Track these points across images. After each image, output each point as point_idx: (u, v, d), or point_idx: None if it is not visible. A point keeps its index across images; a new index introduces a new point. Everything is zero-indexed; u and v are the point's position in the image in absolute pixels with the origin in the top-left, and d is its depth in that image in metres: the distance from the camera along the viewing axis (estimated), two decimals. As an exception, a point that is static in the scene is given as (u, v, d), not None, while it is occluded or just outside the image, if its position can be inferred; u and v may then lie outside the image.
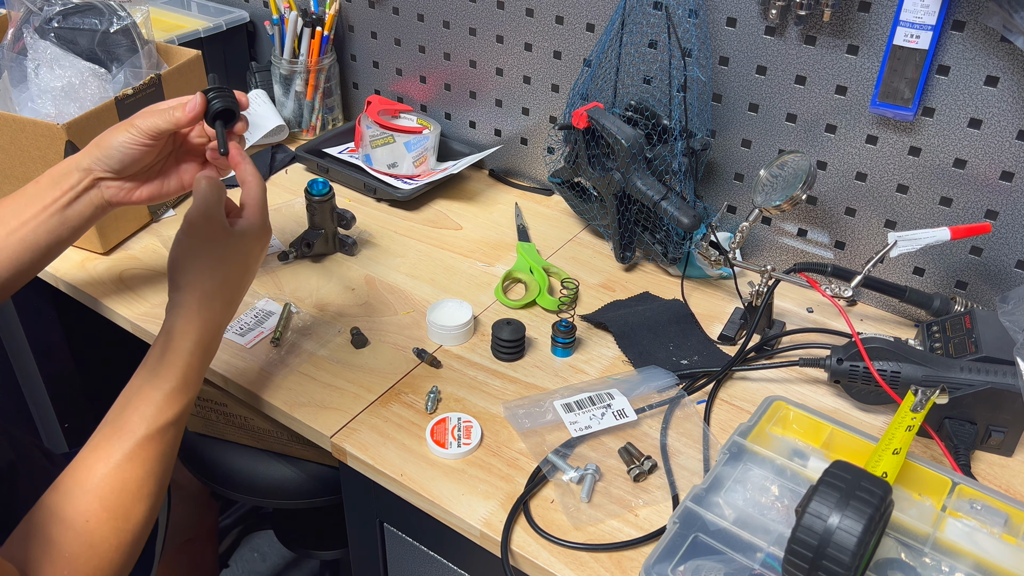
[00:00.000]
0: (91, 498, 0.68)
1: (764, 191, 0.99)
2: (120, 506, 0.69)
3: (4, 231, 0.85)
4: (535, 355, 0.98)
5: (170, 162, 0.90)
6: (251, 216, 0.80)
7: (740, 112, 1.08)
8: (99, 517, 0.68)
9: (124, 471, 0.70)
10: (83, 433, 1.40)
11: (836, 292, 1.05)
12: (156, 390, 0.72)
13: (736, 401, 0.92)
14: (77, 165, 0.86)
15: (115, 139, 0.84)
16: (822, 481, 0.65)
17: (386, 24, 1.34)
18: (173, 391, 0.73)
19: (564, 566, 0.73)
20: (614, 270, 1.14)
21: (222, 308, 0.78)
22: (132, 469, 0.70)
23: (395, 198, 1.24)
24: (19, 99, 1.06)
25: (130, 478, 0.70)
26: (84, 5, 1.09)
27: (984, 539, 0.71)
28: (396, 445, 0.85)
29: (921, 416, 0.77)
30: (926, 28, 0.90)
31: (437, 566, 0.90)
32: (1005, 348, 0.84)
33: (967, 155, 0.95)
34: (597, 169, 1.10)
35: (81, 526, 0.67)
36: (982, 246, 0.99)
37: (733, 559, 0.69)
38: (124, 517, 0.69)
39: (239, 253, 0.79)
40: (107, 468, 0.69)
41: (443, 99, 1.36)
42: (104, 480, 0.69)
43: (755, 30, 1.02)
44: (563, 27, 1.17)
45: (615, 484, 0.81)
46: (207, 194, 0.77)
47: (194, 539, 1.24)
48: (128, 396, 0.73)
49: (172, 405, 0.73)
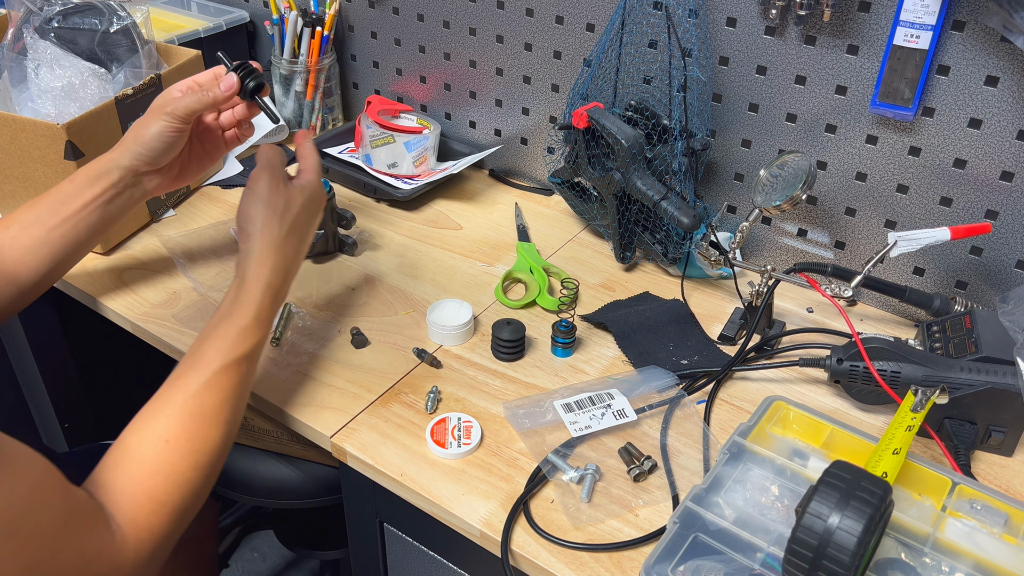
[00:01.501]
0: (171, 421, 0.73)
1: (764, 191, 0.99)
2: (198, 429, 0.73)
3: (44, 228, 0.90)
4: (535, 355, 0.98)
5: (193, 143, 0.98)
6: (308, 176, 0.89)
7: (740, 112, 1.08)
8: (178, 438, 0.72)
9: (202, 397, 0.74)
10: (83, 433, 1.41)
11: (836, 292, 1.05)
12: (231, 327, 0.78)
13: (736, 401, 0.92)
14: (116, 164, 0.91)
15: (151, 131, 0.90)
16: (822, 481, 0.65)
17: (386, 24, 1.34)
18: (247, 327, 0.79)
19: (564, 566, 0.73)
20: (614, 270, 1.14)
21: (292, 254, 0.85)
22: (210, 396, 0.75)
23: (395, 198, 1.24)
24: (19, 99, 1.06)
25: (208, 404, 0.74)
26: (84, 5, 1.09)
27: (984, 539, 0.71)
28: (396, 445, 0.85)
29: (921, 416, 0.77)
30: (926, 28, 0.90)
31: (437, 566, 0.90)
32: (1005, 348, 0.84)
33: (967, 155, 0.95)
34: (597, 169, 1.10)
35: (161, 447, 0.71)
36: (982, 246, 0.99)
37: (733, 559, 0.69)
38: (202, 439, 0.73)
39: (301, 206, 0.86)
40: (186, 395, 0.74)
41: (443, 99, 1.36)
42: (184, 405, 0.73)
43: (755, 30, 1.02)
44: (563, 27, 1.17)
45: (615, 484, 0.81)
46: (271, 156, 0.86)
47: (194, 539, 1.24)
48: (205, 334, 0.78)
49: (246, 340, 0.78)
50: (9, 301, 0.90)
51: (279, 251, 0.83)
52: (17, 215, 0.91)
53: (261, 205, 0.83)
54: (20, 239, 0.90)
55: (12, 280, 0.89)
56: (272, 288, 0.82)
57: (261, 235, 0.82)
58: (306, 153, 0.91)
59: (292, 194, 0.86)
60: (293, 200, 0.85)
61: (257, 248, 0.82)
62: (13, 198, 1.08)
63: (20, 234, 0.90)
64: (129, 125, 1.07)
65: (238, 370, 0.77)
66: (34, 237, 0.90)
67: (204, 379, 0.75)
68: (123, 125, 1.07)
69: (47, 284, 0.93)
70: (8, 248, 0.90)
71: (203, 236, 1.15)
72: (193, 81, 0.95)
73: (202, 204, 1.23)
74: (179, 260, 1.10)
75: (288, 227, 0.84)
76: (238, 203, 0.85)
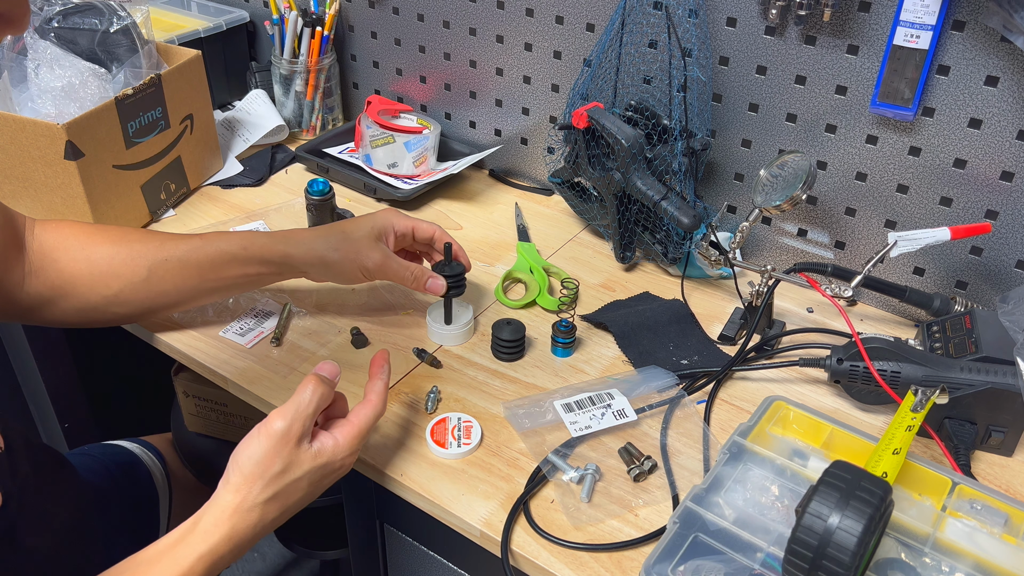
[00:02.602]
0: None
1: (764, 191, 0.99)
2: None
3: (201, 278, 0.90)
4: (535, 355, 0.98)
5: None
6: (342, 439, 0.73)
7: (740, 112, 1.08)
8: None
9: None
10: (83, 433, 1.41)
11: (836, 292, 1.05)
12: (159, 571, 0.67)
13: (736, 401, 0.92)
14: (293, 265, 0.92)
15: (337, 269, 0.92)
16: (822, 481, 0.65)
17: (386, 24, 1.34)
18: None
19: (564, 566, 0.73)
20: (614, 270, 1.14)
21: (258, 524, 0.70)
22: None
23: (395, 198, 1.24)
24: (19, 99, 1.06)
25: None
26: (84, 5, 1.09)
27: (984, 539, 0.71)
28: (396, 445, 0.85)
29: (921, 416, 0.77)
30: (926, 28, 0.90)
31: (437, 566, 0.90)
32: (1005, 348, 0.84)
33: (967, 155, 0.95)
34: (597, 169, 1.10)
35: None
36: (982, 246, 0.99)
37: (733, 559, 0.69)
38: None
39: (304, 473, 0.71)
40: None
41: (443, 99, 1.36)
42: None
43: (755, 30, 1.02)
44: (563, 27, 1.17)
45: (615, 484, 0.81)
46: (302, 402, 0.71)
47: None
48: (137, 561, 0.68)
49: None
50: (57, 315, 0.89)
51: (245, 518, 0.69)
52: (173, 248, 0.89)
53: (254, 457, 0.69)
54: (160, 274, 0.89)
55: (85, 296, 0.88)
56: (213, 556, 0.68)
57: (236, 490, 0.69)
58: (371, 400, 0.76)
59: (300, 458, 0.70)
60: (297, 465, 0.70)
61: (223, 503, 0.69)
62: (13, 198, 1.08)
63: (175, 268, 0.89)
64: (129, 125, 1.08)
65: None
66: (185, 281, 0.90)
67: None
68: (123, 125, 1.07)
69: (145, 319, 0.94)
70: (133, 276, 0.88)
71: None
72: (411, 230, 0.96)
73: (202, 204, 1.23)
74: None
75: (272, 493, 0.69)
76: (241, 444, 0.71)
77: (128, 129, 1.08)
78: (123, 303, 0.89)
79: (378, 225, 0.93)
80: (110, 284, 0.88)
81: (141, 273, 0.88)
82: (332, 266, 0.92)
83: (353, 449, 0.74)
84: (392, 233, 0.95)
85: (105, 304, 0.89)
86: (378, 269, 0.92)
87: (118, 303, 0.89)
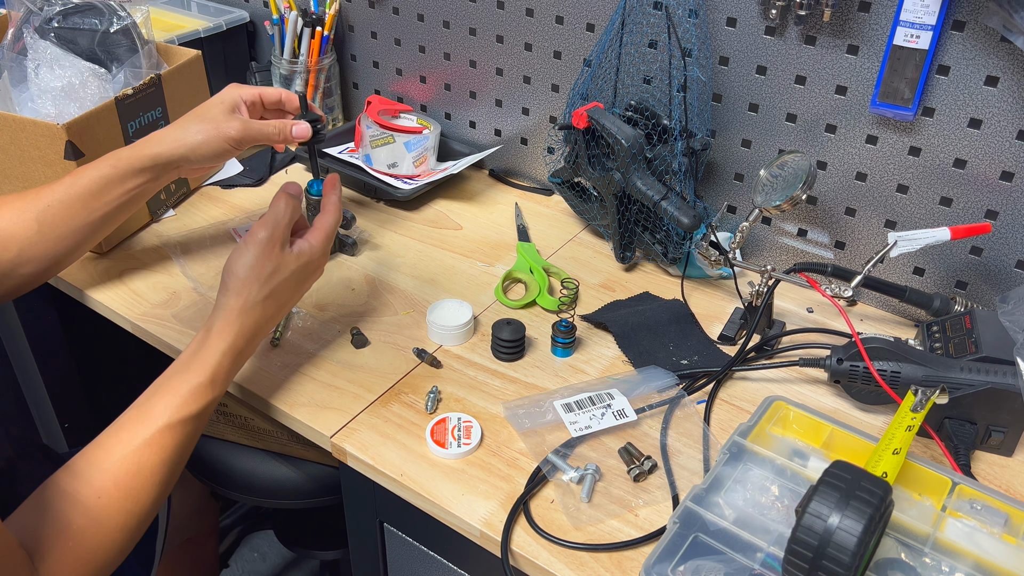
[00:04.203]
0: (106, 476, 0.71)
1: (764, 191, 0.99)
2: (132, 488, 0.72)
3: (87, 209, 0.92)
4: (535, 355, 0.98)
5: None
6: (314, 241, 0.86)
7: (740, 112, 1.08)
8: (111, 495, 0.70)
9: (141, 455, 0.72)
10: (83, 433, 1.41)
11: (836, 292, 1.05)
12: (184, 383, 0.76)
13: (736, 401, 0.92)
14: (165, 162, 0.94)
15: (206, 149, 0.93)
16: (822, 481, 0.65)
17: (386, 24, 1.34)
18: (200, 386, 0.76)
19: (564, 566, 0.73)
20: (614, 270, 1.14)
21: (261, 319, 0.82)
22: (149, 455, 0.73)
23: (395, 198, 1.24)
24: (19, 99, 1.06)
25: (146, 463, 0.72)
26: (84, 5, 1.09)
27: (984, 539, 0.71)
28: (396, 445, 0.85)
29: (921, 416, 0.77)
30: (926, 28, 0.90)
31: (437, 566, 0.90)
32: (1005, 348, 0.84)
33: (967, 155, 0.95)
34: (597, 169, 1.10)
35: (93, 502, 0.69)
36: (982, 246, 0.99)
37: (733, 559, 0.69)
38: (135, 499, 0.72)
39: (291, 273, 0.84)
40: (126, 450, 0.72)
41: (443, 99, 1.36)
42: (122, 461, 0.72)
43: (755, 30, 1.02)
44: (563, 27, 1.17)
45: (615, 484, 0.81)
46: (278, 212, 0.83)
47: (194, 539, 1.24)
48: (157, 385, 0.77)
49: (197, 399, 0.76)
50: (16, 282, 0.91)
51: (250, 315, 0.81)
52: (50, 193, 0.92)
53: (247, 263, 0.81)
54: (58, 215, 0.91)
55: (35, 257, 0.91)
56: (234, 350, 0.80)
57: (237, 294, 0.80)
58: (329, 210, 0.88)
59: (286, 260, 0.83)
60: (284, 265, 0.83)
61: (229, 306, 0.80)
62: (13, 198, 1.08)
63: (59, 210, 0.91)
64: (129, 125, 1.08)
65: (183, 430, 0.75)
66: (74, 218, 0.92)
67: (147, 435, 0.73)
68: (123, 125, 1.07)
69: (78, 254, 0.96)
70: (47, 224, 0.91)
71: (203, 236, 1.15)
72: (258, 96, 0.97)
73: (202, 204, 1.23)
74: (179, 260, 1.10)
75: (268, 292, 0.82)
76: (232, 256, 0.82)
77: (128, 129, 1.08)
78: (28, 261, 0.91)
79: (227, 99, 0.96)
80: (8, 247, 0.90)
81: (32, 227, 0.90)
82: (200, 147, 0.93)
83: (324, 250, 0.87)
84: (242, 103, 0.96)
85: (12, 268, 0.90)
86: (241, 135, 0.94)
87: (23, 263, 0.91)
